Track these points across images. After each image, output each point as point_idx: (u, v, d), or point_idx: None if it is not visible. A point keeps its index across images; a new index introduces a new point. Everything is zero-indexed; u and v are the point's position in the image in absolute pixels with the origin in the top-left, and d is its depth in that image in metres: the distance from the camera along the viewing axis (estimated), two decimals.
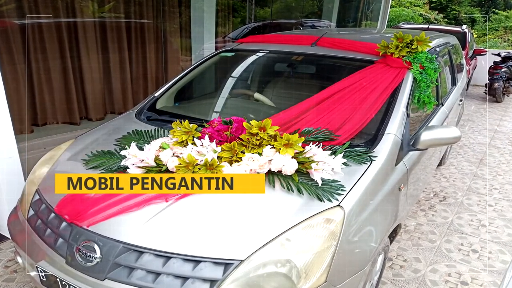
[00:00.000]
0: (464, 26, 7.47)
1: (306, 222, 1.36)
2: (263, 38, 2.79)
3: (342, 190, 1.48)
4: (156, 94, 2.48)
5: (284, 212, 1.40)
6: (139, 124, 2.11)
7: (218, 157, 1.55)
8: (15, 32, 3.54)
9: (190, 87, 2.72)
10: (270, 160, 1.54)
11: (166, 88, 2.53)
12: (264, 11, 8.33)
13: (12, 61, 3.54)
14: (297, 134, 1.58)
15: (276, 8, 8.70)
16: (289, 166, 1.51)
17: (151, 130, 1.97)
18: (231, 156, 1.55)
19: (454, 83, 3.44)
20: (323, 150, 1.60)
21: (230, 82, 2.80)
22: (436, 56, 2.56)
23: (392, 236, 2.07)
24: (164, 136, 1.88)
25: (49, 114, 4.02)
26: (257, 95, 2.52)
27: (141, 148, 1.68)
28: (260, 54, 2.78)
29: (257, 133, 1.60)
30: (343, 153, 1.63)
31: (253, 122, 1.63)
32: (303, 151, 1.57)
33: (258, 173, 1.53)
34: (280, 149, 1.55)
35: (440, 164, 4.00)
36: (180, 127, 1.70)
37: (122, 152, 1.65)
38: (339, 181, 1.52)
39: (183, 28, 5.46)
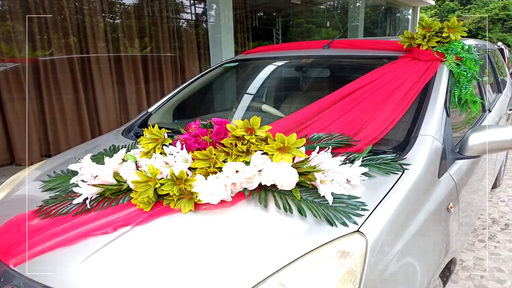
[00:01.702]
0: (499, 43, 6.96)
1: (309, 257, 0.94)
2: (271, 47, 2.62)
3: (363, 210, 1.06)
4: (150, 110, 2.21)
5: (278, 243, 0.98)
6: (123, 141, 1.84)
7: (191, 168, 1.21)
8: None
9: (192, 102, 2.47)
10: (261, 170, 1.15)
11: (161, 103, 2.27)
12: (286, 38, 8.24)
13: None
14: (295, 135, 1.19)
15: (297, 33, 8.55)
16: (286, 178, 1.11)
17: (130, 144, 1.67)
18: (208, 167, 1.18)
19: (499, 90, 2.97)
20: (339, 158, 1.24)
21: (235, 95, 2.54)
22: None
23: (446, 275, 1.58)
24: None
25: None
26: (264, 107, 2.22)
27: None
28: (267, 61, 2.52)
29: (243, 136, 1.22)
30: (361, 160, 1.26)
31: (238, 122, 1.27)
32: (307, 158, 1.21)
33: (244, 188, 1.14)
34: (273, 154, 1.17)
35: (494, 186, 3.49)
36: (148, 134, 1.40)
37: (71, 166, 1.33)
38: (359, 197, 1.11)
39: (201, 56, 5.63)
